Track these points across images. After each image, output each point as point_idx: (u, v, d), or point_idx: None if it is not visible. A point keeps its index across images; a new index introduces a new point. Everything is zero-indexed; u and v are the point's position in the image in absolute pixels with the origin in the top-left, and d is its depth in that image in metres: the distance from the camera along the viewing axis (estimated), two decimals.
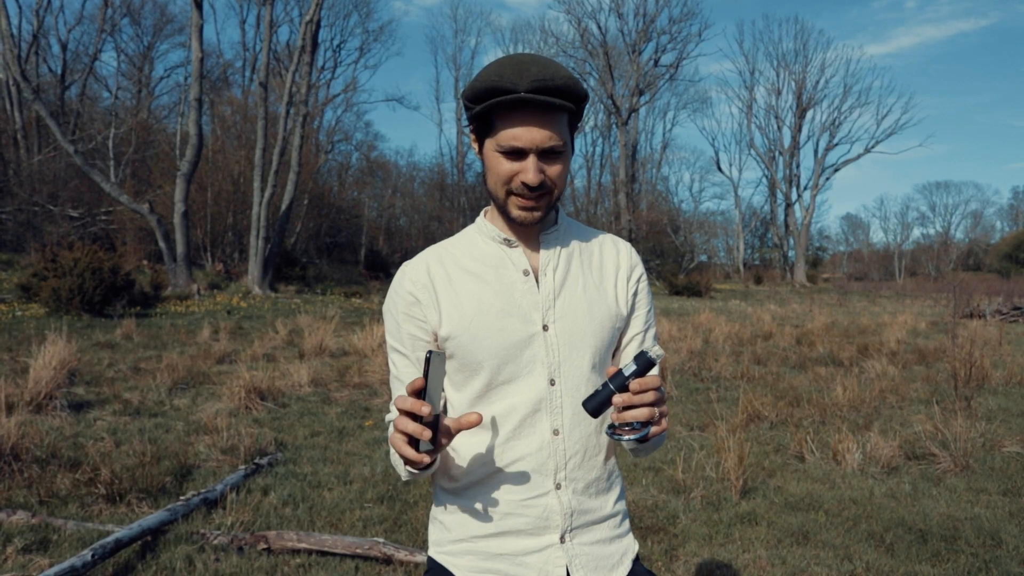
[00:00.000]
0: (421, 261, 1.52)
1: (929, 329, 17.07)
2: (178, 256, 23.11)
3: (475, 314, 1.44)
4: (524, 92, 1.31)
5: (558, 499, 1.46)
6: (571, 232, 1.58)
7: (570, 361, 1.46)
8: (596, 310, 1.50)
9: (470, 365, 1.45)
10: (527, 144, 1.35)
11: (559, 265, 1.51)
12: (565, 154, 1.41)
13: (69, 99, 37.60)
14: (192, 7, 23.31)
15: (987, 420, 7.03)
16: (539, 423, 1.45)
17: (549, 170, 1.39)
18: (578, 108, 1.40)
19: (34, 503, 4.39)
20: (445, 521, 1.54)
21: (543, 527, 1.46)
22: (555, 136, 1.36)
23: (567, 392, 1.46)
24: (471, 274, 1.49)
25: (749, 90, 61.30)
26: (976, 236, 78.72)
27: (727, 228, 65.90)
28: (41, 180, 28.24)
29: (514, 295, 1.46)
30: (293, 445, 6.05)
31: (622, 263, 1.59)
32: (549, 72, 1.32)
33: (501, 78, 1.32)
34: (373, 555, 3.78)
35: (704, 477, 5.28)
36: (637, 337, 1.59)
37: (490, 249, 1.52)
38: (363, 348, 11.07)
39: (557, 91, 1.33)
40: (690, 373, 9.99)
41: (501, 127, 1.37)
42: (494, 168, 1.41)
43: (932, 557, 3.99)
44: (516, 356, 1.44)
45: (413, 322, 1.48)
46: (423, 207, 52.36)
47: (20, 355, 9.28)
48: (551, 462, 1.45)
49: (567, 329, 1.46)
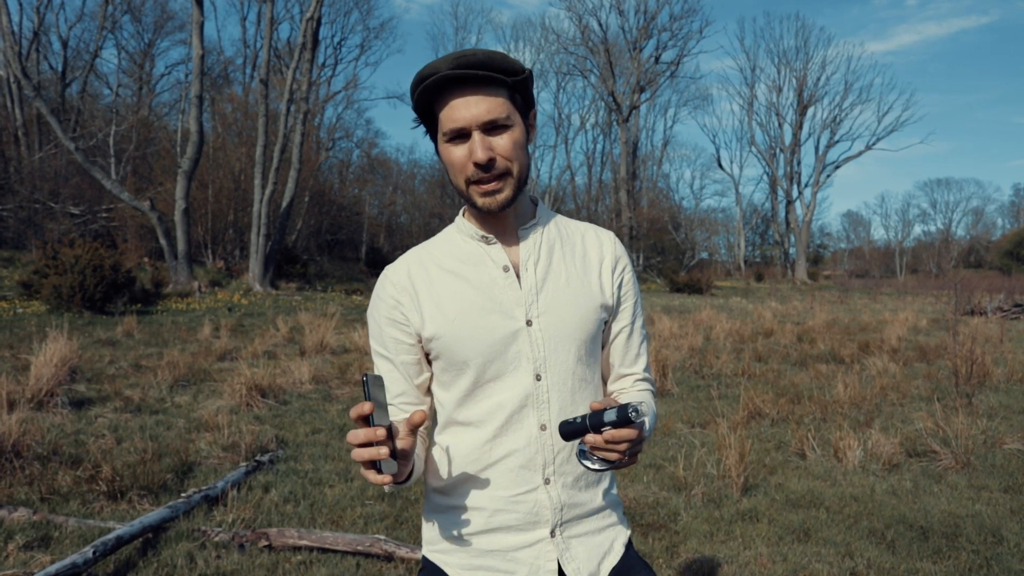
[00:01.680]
0: (402, 264, 1.52)
1: (930, 326, 17.06)
2: (179, 253, 23.10)
3: (457, 314, 1.44)
4: (447, 70, 1.32)
5: (547, 494, 1.46)
6: (551, 224, 1.57)
7: (556, 356, 1.45)
8: (581, 303, 1.49)
9: (456, 364, 1.45)
10: (466, 122, 1.36)
11: (540, 259, 1.50)
12: (513, 127, 1.39)
13: (70, 96, 37.56)
14: (193, 4, 23.27)
15: (988, 417, 7.02)
16: (526, 419, 1.45)
17: (497, 145, 1.38)
18: (515, 83, 1.39)
19: (35, 500, 4.39)
20: (436, 520, 1.54)
21: (533, 522, 1.46)
22: (493, 108, 1.36)
23: (554, 387, 1.45)
24: (452, 274, 1.48)
25: (750, 87, 61.25)
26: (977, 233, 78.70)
27: (728, 225, 65.84)
28: (42, 177, 28.22)
29: (495, 292, 1.46)
30: (294, 442, 6.05)
31: (606, 254, 1.57)
32: (471, 51, 1.35)
33: (426, 68, 1.35)
34: (374, 552, 3.78)
35: (705, 474, 5.28)
36: (624, 330, 1.58)
37: (469, 247, 1.51)
38: (364, 345, 11.08)
39: (480, 64, 1.33)
40: (691, 370, 9.99)
41: (441, 114, 1.39)
42: (448, 160, 1.41)
43: (933, 554, 3.99)
44: (501, 353, 1.43)
45: (396, 326, 1.48)
46: (424, 204, 52.32)
47: (21, 352, 9.28)
48: (539, 457, 1.45)
49: (551, 323, 1.46)
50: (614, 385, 1.63)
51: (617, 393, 1.61)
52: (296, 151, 25.68)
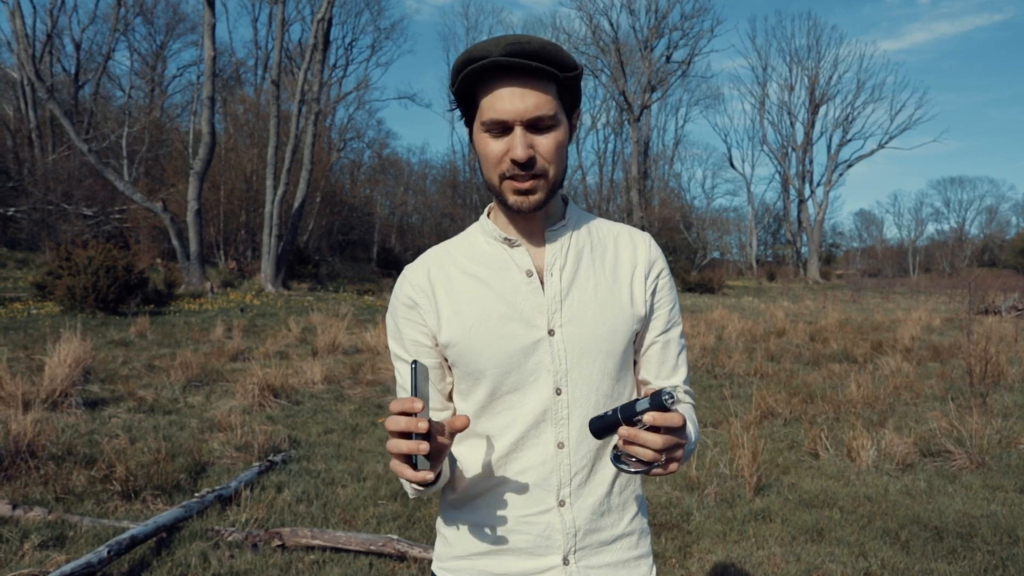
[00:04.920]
0: (421, 264, 1.43)
1: (944, 326, 16.95)
2: (191, 254, 23.21)
3: (476, 320, 1.35)
4: (498, 56, 1.22)
5: (561, 517, 1.35)
6: (581, 227, 1.45)
7: (578, 369, 1.35)
8: (608, 313, 1.38)
9: (472, 373, 1.36)
10: (510, 115, 1.25)
11: (567, 264, 1.39)
12: (557, 127, 1.30)
13: (83, 98, 37.81)
14: (204, 6, 23.37)
15: (1003, 417, 6.97)
16: (543, 435, 1.35)
17: (540, 144, 1.28)
18: (567, 79, 1.29)
19: (50, 500, 4.42)
20: (447, 535, 1.45)
21: (544, 547, 1.36)
22: (541, 105, 1.25)
23: (575, 402, 1.35)
24: (472, 277, 1.39)
25: (762, 86, 60.98)
26: (991, 232, 78.10)
27: (740, 224, 65.60)
28: (55, 179, 28.41)
29: (517, 298, 1.36)
30: (307, 442, 6.07)
31: (640, 258, 1.45)
32: (526, 38, 1.24)
33: (475, 49, 1.24)
34: (387, 552, 3.79)
35: (718, 474, 5.27)
36: (659, 340, 1.46)
37: (492, 249, 1.41)
38: (376, 345, 11.10)
39: (535, 55, 1.23)
40: (703, 370, 9.96)
41: (483, 101, 1.28)
42: (483, 152, 1.31)
43: (948, 554, 3.96)
44: (520, 364, 1.34)
45: (415, 327, 1.40)
46: (435, 205, 52.41)
47: (35, 353, 9.34)
48: (554, 477, 1.35)
49: (575, 334, 1.35)
50: None
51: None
52: (308, 152, 25.75)
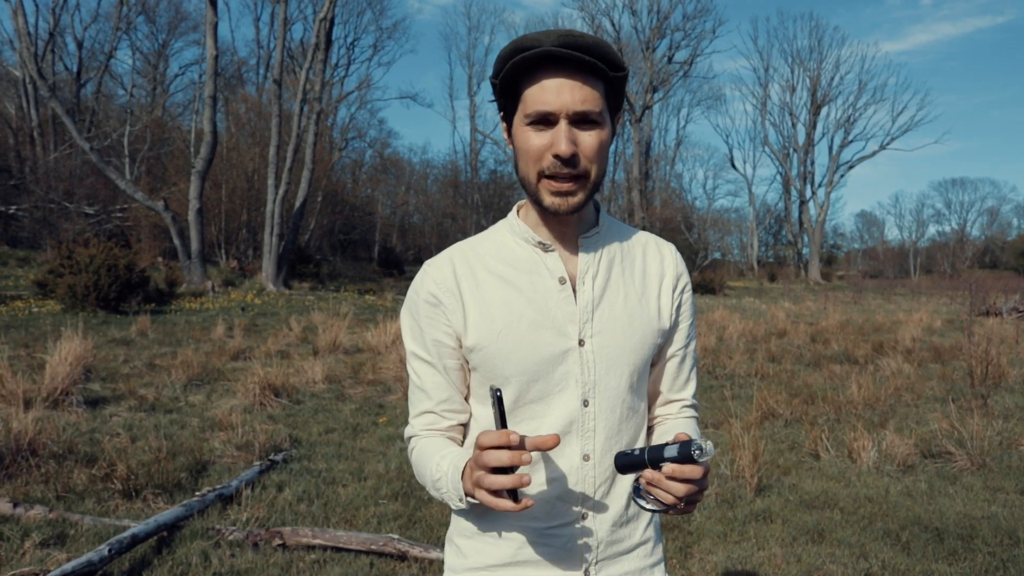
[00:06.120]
0: (445, 260, 1.37)
1: (945, 327, 16.94)
2: (193, 253, 23.23)
3: (504, 324, 1.30)
4: (550, 46, 1.19)
5: (584, 529, 1.33)
6: (612, 235, 1.41)
7: (606, 380, 1.32)
8: (637, 324, 1.35)
9: (496, 380, 1.32)
10: (556, 107, 1.21)
11: (599, 273, 1.35)
12: (602, 127, 1.25)
13: (85, 97, 37.88)
14: (207, 5, 23.39)
15: (1004, 418, 6.97)
16: (568, 447, 1.31)
17: (584, 142, 1.23)
18: (615, 78, 1.26)
19: (51, 498, 4.42)
20: (461, 546, 1.40)
21: (566, 559, 1.33)
22: (588, 99, 1.22)
23: (601, 414, 1.32)
24: (501, 279, 1.34)
25: (763, 87, 61.00)
26: (992, 233, 77.97)
27: (741, 225, 65.56)
28: (57, 177, 28.46)
29: (548, 305, 1.31)
30: (307, 441, 6.07)
31: (667, 271, 1.43)
32: (579, 32, 1.21)
33: (526, 39, 1.21)
34: (388, 551, 3.79)
35: (719, 475, 5.27)
36: (678, 354, 1.45)
37: (522, 252, 1.36)
38: (377, 345, 11.10)
39: (587, 49, 1.20)
40: (704, 370, 9.96)
41: (527, 92, 1.24)
42: (523, 146, 1.26)
43: (949, 556, 3.96)
44: (547, 373, 1.30)
45: (438, 327, 1.34)
46: (436, 204, 52.40)
47: (36, 351, 9.35)
48: (579, 489, 1.32)
49: (605, 345, 1.32)
50: (659, 410, 1.50)
51: (662, 419, 1.49)
52: (309, 151, 25.77)
